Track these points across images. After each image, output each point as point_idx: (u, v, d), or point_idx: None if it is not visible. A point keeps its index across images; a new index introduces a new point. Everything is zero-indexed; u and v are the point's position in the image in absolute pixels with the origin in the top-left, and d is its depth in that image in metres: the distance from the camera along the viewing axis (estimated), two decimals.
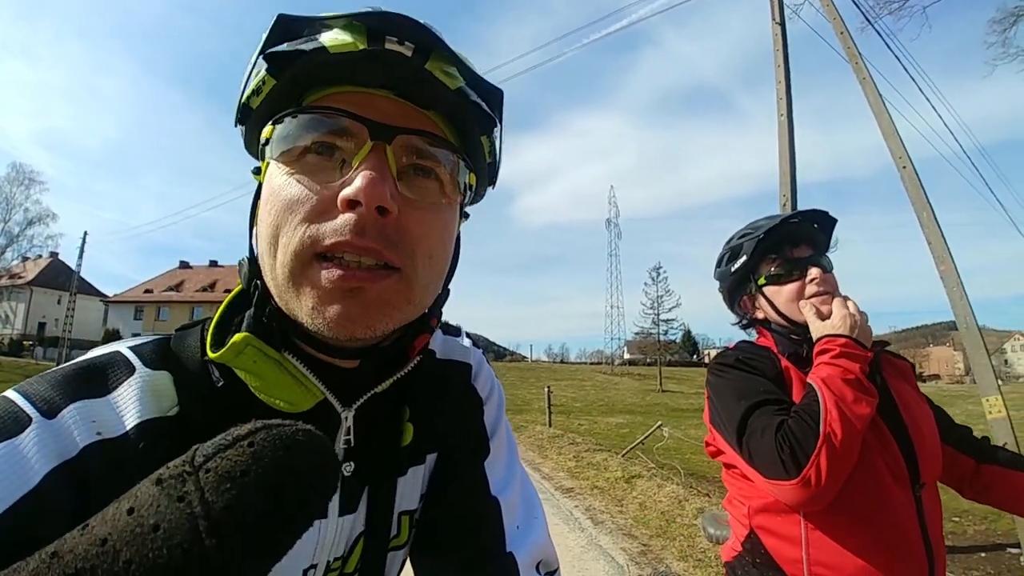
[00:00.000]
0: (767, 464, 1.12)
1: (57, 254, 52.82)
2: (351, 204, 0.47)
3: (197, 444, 0.23)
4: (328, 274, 0.47)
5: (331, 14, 0.50)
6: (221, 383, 0.53)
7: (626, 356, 78.49)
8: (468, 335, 0.81)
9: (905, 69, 7.21)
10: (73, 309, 35.49)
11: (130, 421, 0.48)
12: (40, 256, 49.32)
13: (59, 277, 51.91)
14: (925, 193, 5.53)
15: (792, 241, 1.37)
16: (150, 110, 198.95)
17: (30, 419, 0.44)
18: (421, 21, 0.51)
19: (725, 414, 1.25)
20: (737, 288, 1.49)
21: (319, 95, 0.53)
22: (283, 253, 0.48)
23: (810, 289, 1.31)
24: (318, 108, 0.51)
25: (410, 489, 0.66)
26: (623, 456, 8.93)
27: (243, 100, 0.53)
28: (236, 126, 0.58)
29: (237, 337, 0.51)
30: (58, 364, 0.54)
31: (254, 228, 0.56)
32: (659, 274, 52.47)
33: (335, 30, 0.48)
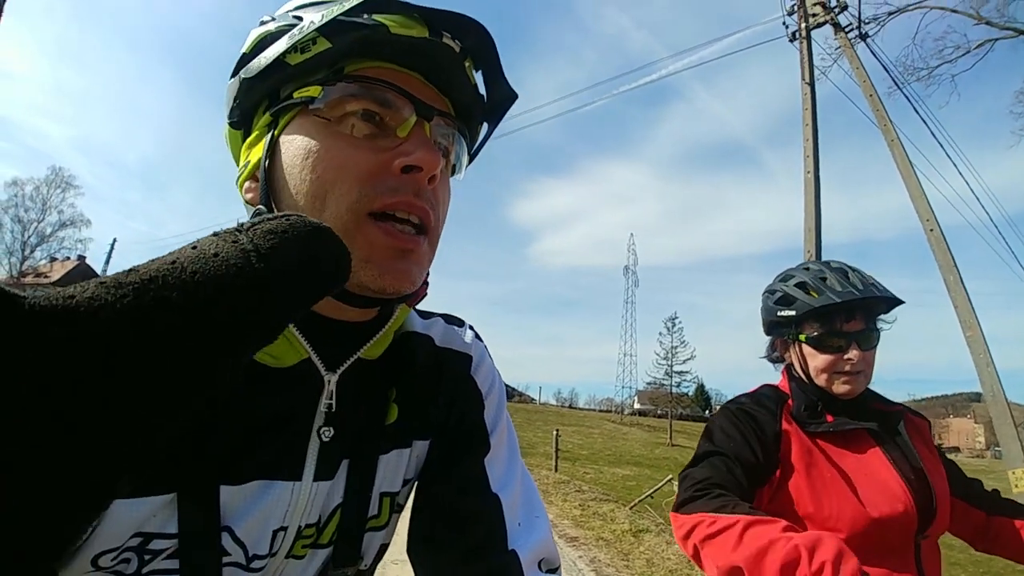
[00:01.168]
0: (681, 490, 1.22)
1: (84, 257, 53.93)
2: (409, 169, 0.53)
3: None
4: (386, 234, 0.52)
5: (398, 2, 0.54)
6: None
7: (636, 406, 77.19)
8: (471, 327, 0.80)
9: (932, 134, 7.25)
10: None
11: None
12: (68, 258, 50.41)
13: (84, 280, 52.87)
14: (952, 256, 5.45)
15: (847, 314, 1.34)
16: (189, 127, 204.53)
17: None
18: (470, 20, 0.57)
19: (699, 447, 1.33)
20: (777, 327, 1.49)
21: (359, 65, 0.56)
22: (336, 207, 0.52)
23: (843, 366, 1.32)
24: (377, 80, 0.55)
25: (392, 471, 0.66)
26: (631, 509, 8.64)
27: (281, 55, 0.54)
28: (247, 78, 0.56)
29: None
30: None
31: (273, 184, 0.56)
32: (675, 324, 51.95)
33: (397, 15, 0.53)
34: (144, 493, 0.48)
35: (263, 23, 0.59)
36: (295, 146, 0.55)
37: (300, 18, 0.55)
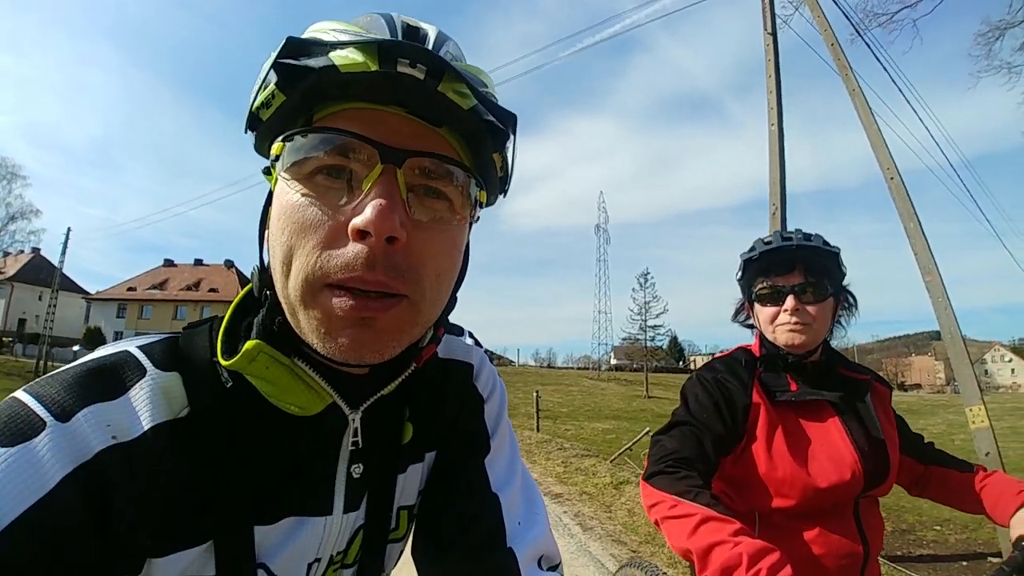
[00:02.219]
0: (651, 457, 1.32)
1: (39, 250, 52.03)
2: (361, 234, 0.47)
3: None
4: (340, 303, 0.47)
5: (342, 39, 0.49)
6: (230, 384, 0.54)
7: (613, 361, 78.65)
8: (471, 335, 0.81)
9: (893, 81, 7.31)
10: (54, 306, 34.75)
11: (144, 424, 0.49)
12: (22, 251, 48.49)
13: (41, 273, 51.05)
14: (912, 204, 5.59)
15: (782, 267, 1.42)
16: (138, 106, 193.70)
17: (44, 423, 0.44)
18: (430, 48, 0.53)
19: (674, 413, 1.43)
20: (741, 292, 1.58)
21: (330, 110, 0.52)
22: (295, 278, 0.49)
23: (781, 317, 1.39)
24: (328, 128, 0.50)
25: (409, 485, 0.69)
26: (611, 462, 8.92)
27: (252, 109, 0.53)
28: (246, 132, 0.56)
29: (249, 344, 0.52)
30: (38, 361, 0.53)
31: (265, 234, 0.56)
32: (647, 280, 52.78)
33: (347, 49, 0.47)
34: (182, 547, 0.49)
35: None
36: (276, 205, 0.52)
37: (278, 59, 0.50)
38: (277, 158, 0.52)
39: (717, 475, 1.36)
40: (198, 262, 55.47)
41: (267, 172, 0.56)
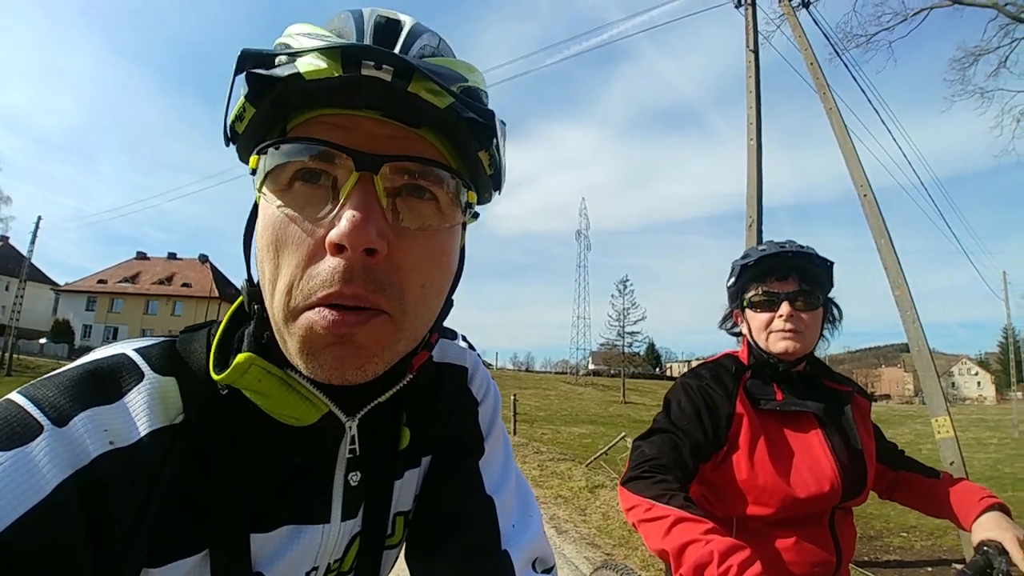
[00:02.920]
0: (630, 461, 1.34)
1: (8, 239, 50.60)
2: (338, 247, 0.45)
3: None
4: (318, 317, 0.46)
5: (301, 48, 0.47)
6: (226, 392, 0.54)
7: (590, 366, 79.00)
8: (464, 338, 0.81)
9: (869, 101, 7.50)
10: (22, 297, 33.77)
11: (142, 429, 0.48)
12: None
13: (8, 263, 49.61)
14: (884, 221, 5.72)
15: (779, 273, 1.42)
16: (116, 93, 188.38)
17: (41, 427, 0.44)
18: (403, 40, 0.51)
19: (655, 419, 1.44)
20: (730, 299, 1.58)
21: (304, 117, 0.51)
22: (280, 296, 0.48)
23: (776, 323, 1.39)
24: (300, 139, 0.48)
25: (405, 491, 0.68)
26: (587, 466, 8.95)
27: (228, 124, 0.52)
28: (227, 146, 0.55)
29: (240, 357, 0.50)
30: (3, 353, 0.51)
31: (252, 247, 0.55)
32: (626, 287, 53.11)
33: (309, 56, 0.46)
34: (179, 556, 0.49)
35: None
36: (260, 219, 0.51)
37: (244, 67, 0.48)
38: (255, 172, 0.51)
39: (697, 480, 1.37)
40: (171, 256, 54.33)
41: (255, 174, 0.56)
